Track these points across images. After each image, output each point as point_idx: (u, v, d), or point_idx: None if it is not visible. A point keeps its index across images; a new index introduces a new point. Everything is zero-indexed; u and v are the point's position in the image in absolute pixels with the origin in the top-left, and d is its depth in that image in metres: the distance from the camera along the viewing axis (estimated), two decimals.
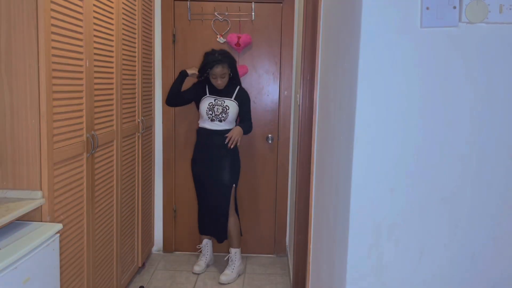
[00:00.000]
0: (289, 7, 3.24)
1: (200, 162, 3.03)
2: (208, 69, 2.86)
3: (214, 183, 2.99)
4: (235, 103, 2.96)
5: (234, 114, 2.96)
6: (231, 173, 2.99)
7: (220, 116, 2.92)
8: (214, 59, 2.83)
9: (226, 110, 2.92)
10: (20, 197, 1.67)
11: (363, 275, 1.22)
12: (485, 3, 1.10)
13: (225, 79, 2.91)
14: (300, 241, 2.57)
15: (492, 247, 1.20)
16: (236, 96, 2.98)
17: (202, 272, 3.13)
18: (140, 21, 2.80)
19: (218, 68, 2.84)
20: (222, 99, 2.95)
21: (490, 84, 1.14)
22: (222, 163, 2.97)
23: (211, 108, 2.93)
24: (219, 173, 2.97)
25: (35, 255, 1.49)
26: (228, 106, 2.93)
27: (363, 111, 1.16)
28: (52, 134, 1.71)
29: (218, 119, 2.93)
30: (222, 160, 2.97)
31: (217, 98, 2.95)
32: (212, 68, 2.84)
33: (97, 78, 2.13)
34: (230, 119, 2.94)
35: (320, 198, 1.72)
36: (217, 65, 2.83)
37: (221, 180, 2.98)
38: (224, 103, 2.94)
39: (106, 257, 2.33)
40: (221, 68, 2.84)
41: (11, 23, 1.60)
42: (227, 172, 2.98)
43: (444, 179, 1.17)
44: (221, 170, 2.97)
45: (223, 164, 2.97)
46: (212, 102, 2.94)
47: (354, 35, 1.19)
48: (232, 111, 2.93)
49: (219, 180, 2.98)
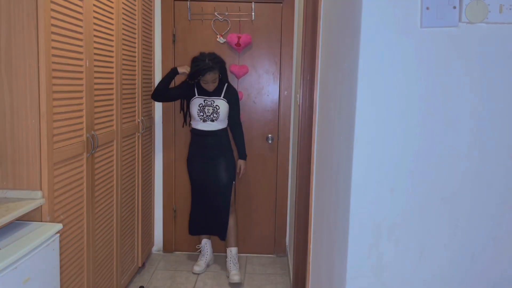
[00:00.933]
0: (289, 7, 3.24)
1: (196, 163, 3.05)
2: (199, 76, 2.85)
3: (213, 183, 3.00)
4: (224, 101, 2.98)
5: (225, 113, 2.98)
6: (228, 170, 3.02)
7: (211, 116, 2.94)
8: (205, 66, 2.81)
9: (216, 110, 2.94)
10: (20, 197, 1.67)
11: (363, 275, 1.22)
12: (485, 3, 1.10)
13: (216, 82, 2.93)
14: (300, 241, 2.57)
15: (492, 247, 1.20)
16: (225, 94, 2.99)
17: (202, 272, 3.13)
18: (140, 21, 2.80)
19: (210, 75, 2.84)
20: (212, 99, 2.96)
21: (490, 84, 1.14)
22: (218, 162, 3.00)
23: (201, 109, 2.95)
24: (217, 173, 2.99)
25: (35, 255, 1.49)
26: (219, 106, 2.95)
27: (363, 111, 1.16)
28: (52, 134, 1.71)
29: (210, 119, 2.95)
30: (218, 159, 3.00)
31: (206, 99, 2.96)
32: (204, 75, 2.84)
33: (97, 78, 2.13)
34: (221, 118, 2.97)
35: (320, 198, 1.72)
36: (209, 72, 2.83)
37: (221, 179, 2.99)
38: (214, 103, 2.95)
39: (106, 257, 2.33)
40: (212, 74, 2.84)
41: (11, 23, 1.60)
42: (224, 170, 3.00)
43: (444, 179, 1.17)
44: (218, 169, 3.00)
45: (220, 163, 3.00)
46: (202, 103, 2.96)
47: (354, 35, 1.19)
48: (222, 110, 2.95)
49: (218, 180, 3.00)
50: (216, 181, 3.00)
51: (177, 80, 3.18)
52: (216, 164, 3.00)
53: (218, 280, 3.02)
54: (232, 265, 3.07)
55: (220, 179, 2.99)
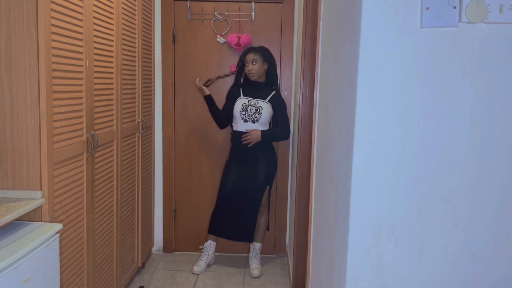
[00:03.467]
0: (289, 7, 3.24)
1: (232, 166, 3.04)
2: (243, 56, 2.97)
3: (246, 189, 3.01)
4: (268, 105, 2.97)
5: (267, 116, 2.96)
6: (266, 175, 3.02)
7: (253, 116, 2.94)
8: (249, 48, 3.00)
9: (259, 110, 2.93)
10: (20, 197, 1.67)
11: (363, 275, 1.22)
12: (485, 3, 1.10)
13: (257, 66, 2.94)
14: (300, 241, 2.57)
15: (492, 247, 1.20)
16: (271, 98, 2.99)
17: (202, 272, 3.13)
18: (140, 21, 2.80)
19: (250, 54, 2.94)
20: (256, 100, 2.97)
21: (490, 84, 1.14)
22: (257, 166, 3.00)
23: (244, 109, 2.95)
24: (253, 177, 3.00)
25: (35, 255, 1.49)
26: (262, 107, 2.94)
27: (363, 111, 1.16)
28: (52, 134, 1.71)
29: (251, 120, 2.94)
30: (257, 163, 2.99)
31: (251, 99, 2.97)
32: (246, 55, 2.95)
33: (97, 78, 2.13)
34: (263, 120, 2.95)
35: (320, 198, 1.72)
36: (250, 52, 2.95)
37: (256, 184, 3.00)
38: (258, 104, 2.96)
39: (106, 257, 2.33)
40: (253, 54, 2.94)
41: (11, 23, 1.60)
42: (262, 175, 3.00)
43: (444, 179, 1.17)
44: (256, 174, 3.00)
45: (259, 167, 3.00)
46: (246, 103, 2.97)
47: (354, 35, 1.19)
48: (265, 112, 2.94)
49: (253, 184, 3.00)
50: (250, 188, 3.00)
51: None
52: (253, 169, 3.00)
53: (218, 280, 3.02)
54: (254, 258, 3.16)
55: (255, 184, 3.00)
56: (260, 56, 2.94)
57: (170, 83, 3.30)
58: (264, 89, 3.01)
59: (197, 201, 3.44)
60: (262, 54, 2.95)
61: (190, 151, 3.39)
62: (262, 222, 3.16)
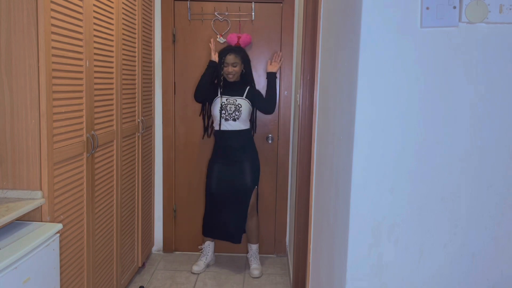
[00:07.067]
0: (289, 7, 3.24)
1: (216, 166, 3.05)
2: (223, 57, 2.97)
3: (235, 187, 3.01)
4: (247, 101, 3.00)
5: (247, 112, 2.99)
6: (252, 175, 3.02)
7: (233, 114, 2.95)
8: (228, 48, 3.00)
9: (239, 108, 2.96)
10: (20, 197, 1.67)
11: (363, 275, 1.22)
12: (485, 3, 1.10)
13: (236, 68, 2.97)
14: (300, 241, 2.57)
15: (492, 247, 1.20)
16: (247, 94, 3.02)
17: (201, 272, 3.13)
18: (140, 21, 2.80)
19: (231, 55, 2.95)
20: (234, 98, 2.99)
21: (490, 84, 1.14)
22: (242, 166, 3.00)
23: (223, 108, 2.97)
24: (240, 177, 3.00)
25: (35, 255, 1.49)
26: (241, 104, 2.97)
27: (363, 111, 1.16)
28: (52, 134, 1.71)
29: (232, 118, 2.96)
30: (242, 163, 3.00)
31: (228, 98, 2.99)
32: (226, 56, 2.95)
33: (97, 78, 2.13)
34: (243, 117, 2.97)
35: (320, 198, 1.72)
36: (230, 53, 2.96)
37: (243, 184, 3.00)
38: (236, 102, 2.97)
39: (106, 257, 2.33)
40: (234, 57, 2.95)
41: (11, 22, 1.60)
42: (248, 175, 3.01)
43: (444, 179, 1.17)
44: (242, 174, 3.00)
45: (244, 167, 3.00)
46: (224, 101, 2.98)
47: (354, 35, 1.19)
48: (244, 108, 2.97)
49: (240, 185, 3.00)
50: (237, 187, 3.00)
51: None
52: (239, 168, 3.00)
53: (218, 280, 3.02)
54: (253, 259, 3.18)
55: (242, 184, 3.00)
56: (239, 58, 2.98)
57: (170, 83, 3.30)
58: (240, 86, 3.04)
59: (197, 201, 3.44)
60: (241, 56, 2.99)
61: (190, 151, 3.39)
62: (254, 224, 3.14)
